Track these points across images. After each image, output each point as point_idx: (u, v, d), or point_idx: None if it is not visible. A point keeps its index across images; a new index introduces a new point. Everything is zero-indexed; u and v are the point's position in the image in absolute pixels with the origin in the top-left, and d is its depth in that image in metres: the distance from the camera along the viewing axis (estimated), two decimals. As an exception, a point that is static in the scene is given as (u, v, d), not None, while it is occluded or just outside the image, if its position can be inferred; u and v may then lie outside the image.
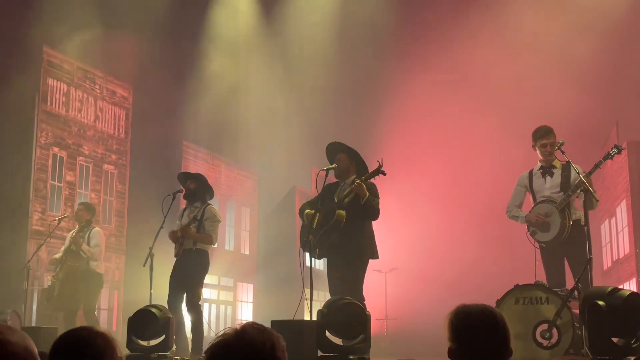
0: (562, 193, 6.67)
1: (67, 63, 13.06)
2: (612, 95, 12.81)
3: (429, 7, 13.26)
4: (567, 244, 6.56)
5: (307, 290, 6.22)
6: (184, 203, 8.11)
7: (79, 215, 9.27)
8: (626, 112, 13.69)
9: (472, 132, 13.25)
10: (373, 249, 6.70)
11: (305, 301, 6.24)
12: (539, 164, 6.97)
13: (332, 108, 15.11)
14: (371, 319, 5.51)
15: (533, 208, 6.84)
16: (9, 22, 11.28)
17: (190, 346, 7.31)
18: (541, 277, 6.42)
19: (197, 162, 16.10)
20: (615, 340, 4.92)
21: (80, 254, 8.78)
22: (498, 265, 12.64)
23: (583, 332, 5.09)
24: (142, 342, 5.98)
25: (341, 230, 6.49)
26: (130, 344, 5.93)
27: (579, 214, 6.57)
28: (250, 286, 18.54)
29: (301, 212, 6.82)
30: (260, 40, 14.14)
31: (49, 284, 9.03)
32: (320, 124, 14.25)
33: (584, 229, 6.03)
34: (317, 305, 5.99)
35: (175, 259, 7.70)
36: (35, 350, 1.77)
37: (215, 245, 8.20)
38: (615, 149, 6.54)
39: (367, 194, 6.45)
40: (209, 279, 13.42)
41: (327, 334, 5.39)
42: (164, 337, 6.00)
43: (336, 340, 5.53)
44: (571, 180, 6.63)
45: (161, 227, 7.52)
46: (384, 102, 14.56)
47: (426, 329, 9.61)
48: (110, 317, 13.82)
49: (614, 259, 16.77)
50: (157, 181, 12.70)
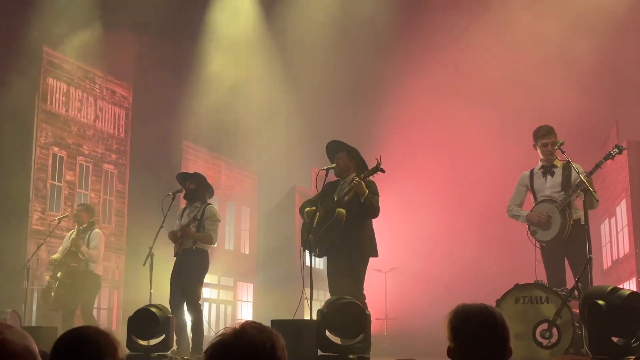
0: (562, 192, 6.65)
1: (67, 63, 13.06)
2: (612, 95, 12.81)
3: (429, 7, 13.24)
4: (568, 244, 6.55)
5: (307, 290, 6.21)
6: (184, 203, 8.11)
7: (78, 216, 9.27)
8: (626, 111, 13.69)
9: (472, 132, 13.24)
10: (373, 247, 6.69)
11: (305, 300, 6.23)
12: (539, 164, 6.95)
13: (332, 108, 15.11)
14: (371, 319, 5.51)
15: (534, 207, 6.83)
16: (8, 22, 11.29)
17: (191, 346, 7.31)
18: (541, 276, 6.41)
19: (197, 162, 16.10)
20: (615, 339, 4.92)
21: (78, 254, 8.80)
22: (498, 265, 12.63)
23: (583, 331, 5.09)
24: (142, 342, 5.98)
25: (341, 228, 6.49)
26: (130, 343, 5.92)
27: (580, 213, 6.56)
28: (250, 285, 18.55)
29: (302, 210, 6.82)
30: (260, 40, 14.14)
31: (46, 284, 9.05)
32: (320, 123, 14.24)
33: (584, 228, 6.03)
34: (317, 305, 5.99)
35: (174, 258, 7.70)
36: (36, 349, 1.76)
37: (215, 244, 8.20)
38: (617, 149, 6.52)
39: (367, 191, 6.44)
40: (209, 278, 13.43)
41: (327, 333, 5.39)
42: (164, 336, 6.00)
43: (336, 340, 5.53)
44: (572, 179, 6.62)
45: (161, 227, 7.53)
46: (384, 102, 14.56)
47: (426, 328, 9.62)
48: (110, 317, 13.82)
49: (614, 259, 16.78)
50: (157, 181, 12.71)
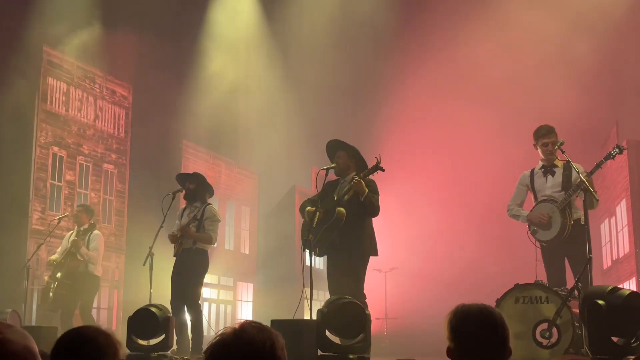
0: (563, 192, 6.65)
1: (66, 62, 13.05)
2: (612, 95, 12.80)
3: (429, 6, 13.24)
4: (568, 244, 6.54)
5: (307, 290, 6.21)
6: (184, 203, 8.11)
7: (78, 216, 9.28)
8: (626, 111, 13.67)
9: (472, 132, 13.23)
10: (373, 246, 6.69)
11: (305, 300, 6.23)
12: (540, 163, 6.94)
13: (331, 107, 15.11)
14: (371, 318, 5.51)
15: (534, 207, 6.82)
16: (8, 22, 11.28)
17: (190, 345, 7.31)
18: (542, 276, 6.41)
19: (196, 162, 16.09)
20: (615, 339, 4.92)
21: (77, 255, 8.81)
22: (498, 265, 12.62)
23: (583, 331, 5.09)
24: (142, 342, 5.98)
25: (341, 228, 6.49)
26: (130, 343, 5.92)
27: (580, 213, 6.54)
28: (250, 285, 18.54)
29: (302, 210, 6.81)
30: (260, 40, 14.14)
31: (45, 284, 9.05)
32: (320, 123, 14.24)
33: (585, 228, 6.03)
34: (317, 305, 5.99)
35: (174, 258, 7.70)
36: (36, 349, 1.75)
37: (215, 244, 8.20)
38: (617, 149, 6.51)
39: (366, 190, 6.44)
40: (209, 278, 13.42)
41: (327, 333, 5.39)
42: (163, 336, 6.00)
43: (336, 340, 5.53)
44: (572, 179, 6.61)
45: (161, 227, 7.53)
46: (383, 101, 14.55)
47: (426, 328, 9.61)
48: (110, 316, 13.82)
49: (614, 259, 16.77)
50: (157, 180, 12.71)
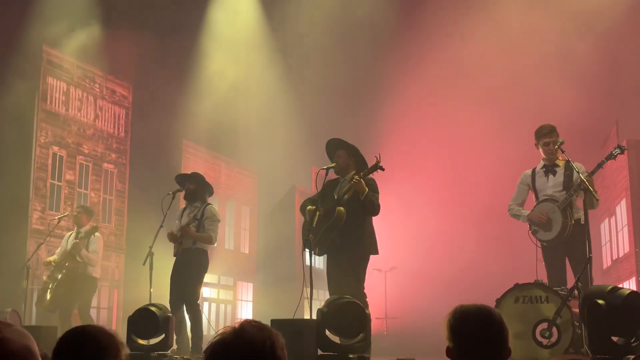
0: (564, 192, 6.64)
1: (66, 62, 13.05)
2: (612, 95, 12.80)
3: (429, 6, 13.24)
4: (569, 243, 6.53)
5: (307, 289, 6.21)
6: (184, 202, 8.11)
7: (77, 217, 9.29)
8: (626, 111, 13.68)
9: (472, 131, 13.23)
10: (373, 245, 6.68)
11: (305, 300, 6.23)
12: (541, 163, 6.92)
13: (331, 107, 15.10)
14: (371, 318, 5.51)
15: (535, 207, 6.81)
16: (8, 22, 11.27)
17: (190, 345, 7.32)
18: (542, 276, 6.40)
19: (196, 161, 16.08)
20: (615, 339, 4.92)
21: (77, 257, 8.82)
22: (498, 264, 12.62)
23: (583, 331, 5.09)
24: (141, 341, 5.97)
25: (341, 227, 6.49)
26: (130, 342, 5.92)
27: (581, 213, 6.51)
28: (250, 285, 18.55)
29: (302, 209, 6.81)
30: (260, 39, 14.13)
31: (42, 285, 9.05)
32: (320, 123, 14.24)
33: (585, 228, 6.02)
34: (317, 304, 5.99)
35: (174, 258, 7.70)
36: (36, 348, 1.74)
37: (215, 244, 8.20)
38: (618, 149, 6.50)
39: (367, 189, 6.43)
40: (209, 278, 13.40)
41: (327, 332, 5.39)
42: (163, 335, 6.00)
43: (336, 339, 5.53)
44: (573, 179, 6.60)
45: (161, 226, 7.53)
46: (383, 101, 14.55)
47: (426, 327, 9.60)
48: (110, 316, 13.82)
49: (614, 258, 16.77)
50: (157, 180, 12.70)
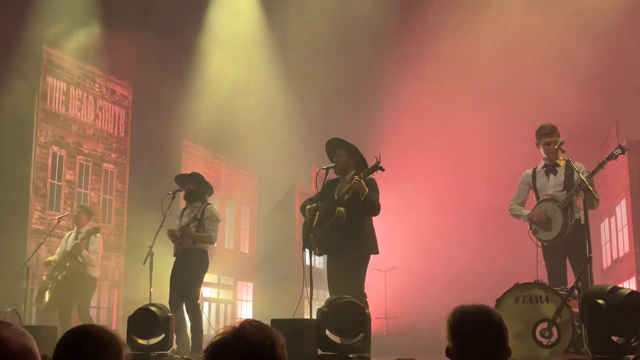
0: (565, 192, 6.63)
1: (66, 62, 13.05)
2: (611, 95, 12.80)
3: (429, 6, 13.23)
4: (569, 243, 6.53)
5: (307, 289, 6.21)
6: (184, 202, 8.11)
7: (77, 217, 9.30)
8: (626, 110, 13.69)
9: (471, 131, 13.23)
10: (373, 245, 6.68)
11: (305, 300, 6.22)
12: (542, 162, 6.91)
13: (331, 107, 15.12)
14: (371, 318, 5.51)
15: (536, 206, 6.81)
16: (8, 21, 11.28)
17: (190, 345, 7.32)
18: (543, 276, 6.40)
19: (196, 161, 16.08)
20: (614, 338, 4.92)
21: (78, 258, 8.83)
22: (497, 264, 12.62)
23: (583, 330, 5.09)
24: (141, 341, 5.97)
25: (342, 227, 6.48)
26: (130, 342, 5.91)
27: (582, 213, 6.52)
28: (250, 285, 18.55)
29: (302, 209, 6.80)
30: (260, 39, 14.13)
31: (41, 284, 9.05)
32: (319, 123, 14.25)
33: (585, 227, 6.02)
34: (317, 304, 5.99)
35: (174, 257, 7.70)
36: (36, 348, 1.73)
37: (215, 244, 8.20)
38: (620, 149, 6.48)
39: (367, 190, 6.42)
40: (209, 277, 13.39)
41: (327, 332, 5.39)
42: (163, 335, 6.00)
43: (336, 339, 5.53)
44: (574, 179, 6.59)
45: (161, 226, 7.53)
46: (383, 101, 14.55)
47: (426, 327, 9.63)
48: (110, 316, 13.82)
49: (614, 258, 16.78)
50: (157, 180, 12.71)
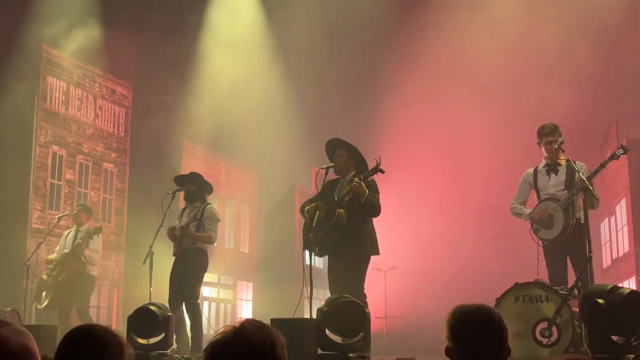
0: (566, 191, 6.63)
1: (66, 61, 13.05)
2: (611, 94, 12.80)
3: (429, 7, 13.23)
4: (570, 243, 6.53)
5: (307, 289, 6.21)
6: (184, 202, 8.10)
7: (77, 216, 9.31)
8: (626, 110, 13.68)
9: (471, 131, 13.24)
10: (374, 246, 6.68)
11: (305, 299, 6.22)
12: (543, 162, 6.92)
13: (331, 106, 15.11)
14: (371, 317, 5.51)
15: (537, 205, 6.81)
16: (8, 21, 11.28)
17: (190, 344, 7.32)
18: (544, 275, 6.41)
19: (196, 161, 16.08)
20: (614, 338, 4.92)
21: (81, 257, 8.84)
22: (498, 263, 12.62)
23: (583, 330, 5.09)
24: (141, 340, 5.97)
25: (342, 228, 6.48)
26: (129, 341, 5.91)
27: (582, 212, 6.53)
28: (250, 284, 18.56)
29: (302, 210, 6.80)
30: (260, 39, 14.13)
31: (40, 283, 9.04)
32: (319, 122, 14.25)
33: (585, 227, 6.02)
34: (317, 304, 5.99)
35: (174, 257, 7.70)
36: (35, 347, 1.72)
37: (215, 244, 8.20)
38: (622, 149, 6.48)
39: (367, 191, 6.42)
40: (208, 277, 13.39)
41: (327, 332, 5.39)
42: (163, 335, 6.00)
43: (336, 339, 5.53)
44: (576, 178, 6.59)
45: (161, 226, 7.53)
46: (383, 100, 14.55)
47: (426, 327, 9.60)
48: (109, 315, 13.82)
49: (614, 258, 16.79)
50: (157, 179, 12.70)
